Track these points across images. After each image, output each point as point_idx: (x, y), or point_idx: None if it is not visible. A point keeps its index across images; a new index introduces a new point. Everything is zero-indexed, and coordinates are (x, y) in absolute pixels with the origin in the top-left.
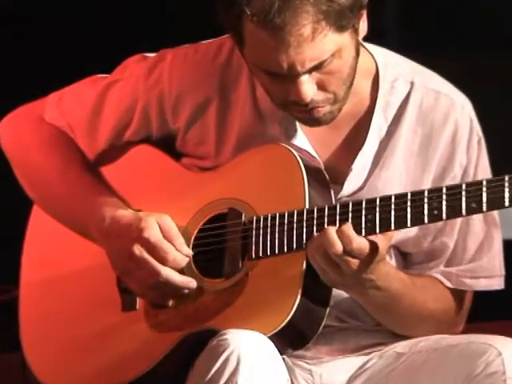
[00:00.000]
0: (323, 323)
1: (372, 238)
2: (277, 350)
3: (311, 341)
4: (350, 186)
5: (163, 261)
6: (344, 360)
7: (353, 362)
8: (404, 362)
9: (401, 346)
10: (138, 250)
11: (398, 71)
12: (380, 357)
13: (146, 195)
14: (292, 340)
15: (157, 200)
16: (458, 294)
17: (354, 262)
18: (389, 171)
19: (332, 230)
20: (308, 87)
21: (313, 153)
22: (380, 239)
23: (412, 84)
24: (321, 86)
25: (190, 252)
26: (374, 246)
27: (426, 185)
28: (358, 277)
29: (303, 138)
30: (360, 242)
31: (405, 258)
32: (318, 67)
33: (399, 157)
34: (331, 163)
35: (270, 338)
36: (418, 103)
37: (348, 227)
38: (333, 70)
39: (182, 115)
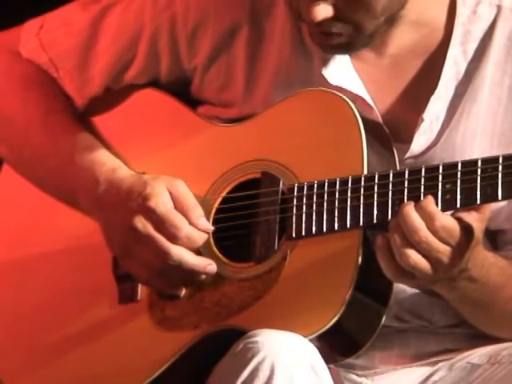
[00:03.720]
0: (381, 324)
1: (464, 216)
2: (321, 358)
3: (365, 346)
4: (421, 140)
5: (173, 238)
6: (403, 371)
7: (414, 374)
8: (481, 377)
9: (477, 356)
10: (140, 223)
11: None
12: (450, 368)
13: (153, 154)
14: (341, 345)
15: (166, 161)
16: None
17: (444, 250)
18: (470, 121)
19: (412, 210)
20: (320, 7)
21: (369, 101)
22: (474, 218)
23: (499, 8)
24: (338, 14)
25: (210, 227)
26: (466, 227)
27: None
28: (448, 269)
29: (357, 81)
30: (446, 221)
31: (493, 237)
32: None
33: (483, 102)
34: (393, 115)
35: (312, 341)
36: (506, 33)
37: (428, 202)
38: None
39: (200, 49)
